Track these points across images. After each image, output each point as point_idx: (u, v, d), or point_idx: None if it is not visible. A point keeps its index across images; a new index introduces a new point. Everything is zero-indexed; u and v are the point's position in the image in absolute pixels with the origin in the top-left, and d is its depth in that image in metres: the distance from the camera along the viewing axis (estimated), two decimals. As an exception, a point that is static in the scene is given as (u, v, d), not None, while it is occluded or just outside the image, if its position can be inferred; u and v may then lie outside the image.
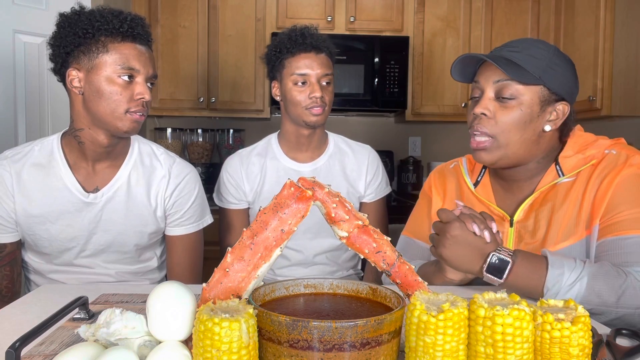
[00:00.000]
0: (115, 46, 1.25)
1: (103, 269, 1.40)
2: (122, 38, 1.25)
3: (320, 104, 1.61)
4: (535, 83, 1.10)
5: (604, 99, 2.58)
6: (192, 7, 3.03)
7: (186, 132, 3.31)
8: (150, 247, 1.45)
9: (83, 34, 1.24)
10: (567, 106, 1.14)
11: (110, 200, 1.35)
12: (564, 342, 0.65)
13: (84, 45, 1.25)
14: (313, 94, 1.60)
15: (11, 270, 1.34)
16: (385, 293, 0.75)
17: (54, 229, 1.33)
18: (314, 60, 1.62)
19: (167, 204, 1.42)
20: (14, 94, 2.29)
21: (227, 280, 0.69)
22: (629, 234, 1.05)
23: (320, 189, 0.73)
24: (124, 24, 1.25)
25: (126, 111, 1.26)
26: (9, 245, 1.34)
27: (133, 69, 1.25)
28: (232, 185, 1.72)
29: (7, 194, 1.31)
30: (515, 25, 3.16)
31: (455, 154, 1.48)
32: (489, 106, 1.13)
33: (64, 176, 1.33)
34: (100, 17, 1.24)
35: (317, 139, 1.71)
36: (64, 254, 1.36)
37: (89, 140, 1.31)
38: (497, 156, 1.14)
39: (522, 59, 1.11)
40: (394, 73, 3.05)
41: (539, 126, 1.13)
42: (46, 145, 1.36)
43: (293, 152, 1.72)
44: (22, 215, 1.32)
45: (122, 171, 1.38)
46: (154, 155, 1.44)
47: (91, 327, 0.73)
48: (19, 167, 1.32)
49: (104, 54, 1.24)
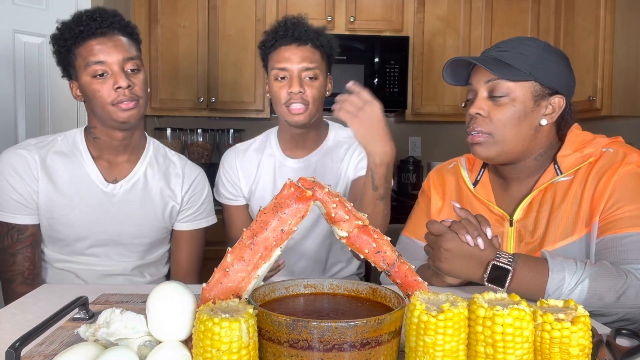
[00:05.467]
0: (79, 50, 1.32)
1: (112, 260, 1.43)
2: (83, 39, 1.31)
3: (299, 100, 1.46)
4: (526, 79, 1.12)
5: (604, 99, 2.58)
6: (192, 7, 3.03)
7: (186, 132, 3.31)
8: (160, 243, 1.50)
9: (62, 51, 1.34)
10: (563, 99, 1.16)
11: (128, 192, 1.42)
12: (564, 342, 0.65)
13: (65, 61, 1.35)
14: (291, 89, 1.46)
15: (32, 252, 1.38)
16: (385, 293, 0.75)
17: (73, 215, 1.37)
18: (295, 52, 1.47)
19: (182, 200, 1.49)
20: (14, 94, 2.30)
21: (227, 280, 0.69)
22: (628, 232, 1.05)
23: (320, 189, 0.73)
24: (79, 26, 1.31)
25: (112, 104, 1.31)
26: (30, 227, 1.37)
27: (99, 62, 1.30)
28: (228, 180, 1.68)
29: (31, 177, 1.36)
30: (515, 25, 3.16)
31: (455, 154, 1.48)
32: (483, 106, 1.15)
33: (86, 166, 1.40)
34: (66, 30, 1.32)
35: (313, 137, 1.61)
36: (78, 242, 1.40)
37: (104, 135, 1.39)
38: (494, 152, 1.16)
39: (510, 57, 1.13)
40: (394, 73, 3.05)
41: (534, 121, 1.15)
42: (69, 137, 1.44)
43: (289, 149, 1.63)
44: (44, 198, 1.37)
45: (139, 166, 1.45)
46: (166, 156, 1.52)
47: (91, 327, 0.73)
48: (44, 154, 1.39)
49: (75, 60, 1.33)
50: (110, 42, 1.31)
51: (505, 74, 1.12)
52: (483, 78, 1.15)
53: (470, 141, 1.18)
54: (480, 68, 1.16)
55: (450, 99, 3.18)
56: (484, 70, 1.15)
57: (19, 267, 1.36)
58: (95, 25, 1.30)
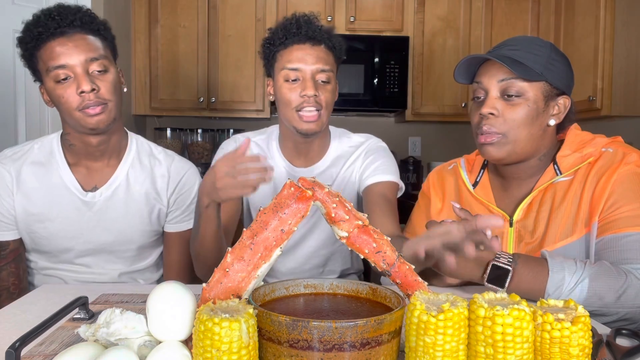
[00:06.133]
0: (40, 54, 1.22)
1: (102, 268, 1.39)
2: (42, 41, 1.21)
3: (313, 104, 1.33)
4: (538, 79, 1.12)
5: (604, 99, 2.58)
6: (192, 7, 3.03)
7: (186, 132, 3.31)
8: (151, 246, 1.45)
9: (26, 56, 1.26)
10: (569, 99, 1.17)
11: (109, 199, 1.35)
12: (564, 342, 0.65)
13: (30, 65, 1.27)
14: (305, 92, 1.32)
15: (16, 267, 1.35)
16: (385, 293, 0.74)
17: (53, 228, 1.33)
18: (309, 52, 1.35)
19: (169, 201, 1.41)
20: (14, 94, 2.30)
21: (227, 280, 0.69)
22: (628, 232, 1.05)
23: (320, 189, 0.73)
24: (37, 27, 1.20)
25: (78, 109, 1.22)
26: (12, 242, 1.34)
27: (60, 66, 1.20)
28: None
29: (7, 192, 1.32)
30: (515, 25, 3.16)
31: (455, 154, 1.47)
32: (496, 105, 1.13)
33: (63, 175, 1.34)
34: (27, 31, 1.23)
35: (318, 145, 1.46)
36: (64, 253, 1.36)
37: (78, 141, 1.32)
38: (505, 152, 1.15)
39: (524, 56, 1.12)
40: (394, 73, 3.05)
41: (544, 121, 1.15)
42: (46, 144, 1.37)
43: (290, 157, 1.48)
44: (21, 213, 1.32)
45: (120, 170, 1.37)
46: (152, 154, 1.43)
47: (91, 327, 0.73)
48: (19, 166, 1.33)
49: (38, 64, 1.25)
50: (70, 42, 1.20)
51: (522, 72, 1.10)
52: (496, 76, 1.13)
53: (481, 141, 1.16)
54: (491, 66, 1.14)
55: (450, 99, 3.18)
56: (497, 69, 1.13)
57: (3, 282, 1.33)
58: (54, 24, 1.19)
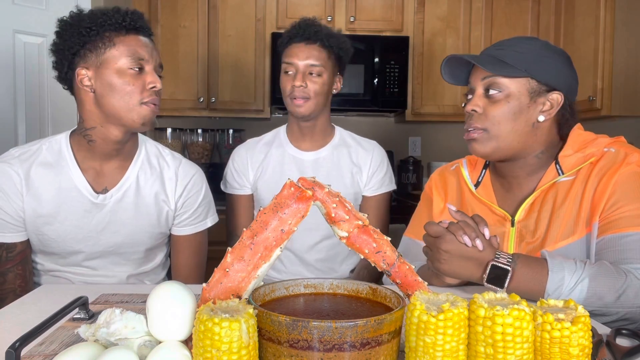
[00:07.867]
0: (121, 39, 1.27)
1: (110, 271, 1.39)
2: (127, 31, 1.27)
3: (301, 94, 1.62)
4: (521, 75, 1.14)
5: (604, 99, 2.58)
6: (192, 7, 3.03)
7: (186, 132, 3.31)
8: (158, 248, 1.46)
9: (87, 32, 1.25)
10: (561, 96, 1.16)
11: (119, 201, 1.35)
12: (564, 342, 0.65)
13: (90, 43, 1.26)
14: (294, 82, 1.62)
15: (23, 269, 1.34)
16: (385, 293, 0.74)
17: (62, 230, 1.32)
18: (303, 49, 1.63)
19: (176, 205, 1.42)
20: (14, 94, 2.30)
21: (227, 280, 0.69)
22: (628, 231, 1.05)
23: (320, 189, 0.73)
24: (126, 17, 1.27)
25: (140, 102, 1.27)
26: (19, 244, 1.32)
27: (142, 59, 1.27)
28: (237, 170, 1.78)
29: (16, 193, 1.30)
30: (515, 25, 3.16)
31: (455, 153, 1.48)
32: (479, 102, 1.17)
33: (73, 176, 1.33)
34: (101, 15, 1.27)
35: (320, 130, 1.74)
36: (72, 255, 1.35)
37: (101, 138, 1.31)
38: (490, 147, 1.17)
39: (506, 54, 1.15)
40: (394, 73, 3.04)
41: (531, 117, 1.16)
42: (54, 144, 1.35)
43: (297, 141, 1.75)
44: (30, 215, 1.31)
45: (130, 172, 1.37)
46: (161, 156, 1.44)
47: (91, 327, 0.73)
48: (27, 167, 1.31)
49: (111, 48, 1.26)
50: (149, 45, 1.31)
51: (499, 70, 1.14)
52: (480, 75, 1.18)
53: (466, 138, 1.20)
54: (478, 66, 1.18)
55: (450, 99, 3.18)
56: (482, 68, 1.17)
57: (10, 285, 1.32)
58: (141, 23, 1.30)
